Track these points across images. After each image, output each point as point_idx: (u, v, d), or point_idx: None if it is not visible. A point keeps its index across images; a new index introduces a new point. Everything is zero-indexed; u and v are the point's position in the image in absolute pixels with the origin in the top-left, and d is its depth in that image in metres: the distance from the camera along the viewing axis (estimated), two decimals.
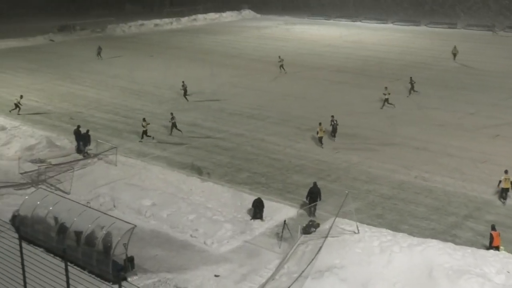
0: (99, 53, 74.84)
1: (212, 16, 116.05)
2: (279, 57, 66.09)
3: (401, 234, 26.90)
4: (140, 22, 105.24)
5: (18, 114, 48.71)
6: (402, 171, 36.06)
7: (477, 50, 78.68)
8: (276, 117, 46.90)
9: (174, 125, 43.36)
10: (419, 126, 44.73)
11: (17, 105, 49.14)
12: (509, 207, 30.98)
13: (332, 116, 42.33)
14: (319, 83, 58.97)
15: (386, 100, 49.44)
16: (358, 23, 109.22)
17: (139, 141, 41.56)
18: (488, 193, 32.69)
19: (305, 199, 30.78)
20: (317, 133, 40.67)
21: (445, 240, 26.67)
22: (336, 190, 32.83)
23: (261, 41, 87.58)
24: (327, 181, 34.29)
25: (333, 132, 41.90)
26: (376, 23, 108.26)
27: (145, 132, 41.97)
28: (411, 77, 54.60)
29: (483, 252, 25.03)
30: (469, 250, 25.07)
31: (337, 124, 41.81)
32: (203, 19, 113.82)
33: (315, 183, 30.53)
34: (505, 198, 31.63)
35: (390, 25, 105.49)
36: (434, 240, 25.92)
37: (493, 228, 26.15)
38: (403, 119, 46.62)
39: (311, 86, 58.06)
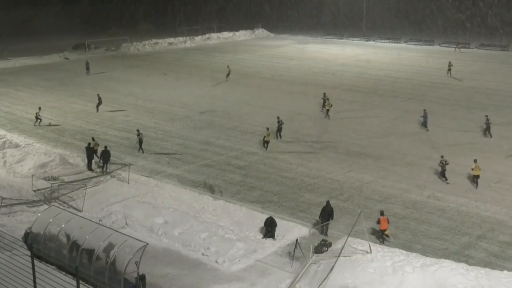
0: (87, 69, 76.49)
1: (225, 35, 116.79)
2: (228, 66, 72.54)
3: (414, 254, 26.78)
4: (154, 40, 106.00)
5: (39, 125, 50.64)
6: (415, 191, 35.90)
7: (491, 70, 78.39)
8: (289, 136, 46.89)
9: (140, 142, 43.31)
10: (433, 146, 44.54)
11: (37, 117, 51.04)
12: None
13: (278, 117, 46.91)
14: (332, 102, 58.97)
15: (327, 111, 53.14)
16: (371, 42, 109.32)
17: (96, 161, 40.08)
18: (502, 213, 32.47)
19: (317, 218, 30.68)
20: (264, 138, 43.71)
21: (458, 260, 26.54)
22: (348, 209, 32.75)
23: (274, 60, 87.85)
24: (339, 200, 34.19)
25: (278, 132, 46.05)
26: (389, 42, 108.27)
27: (94, 152, 40.43)
28: (324, 93, 56.32)
29: (496, 273, 24.83)
30: (483, 270, 24.89)
31: (282, 124, 46.03)
32: (216, 37, 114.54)
33: (328, 202, 30.45)
34: (476, 183, 36.28)
35: (403, 45, 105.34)
36: (447, 261, 25.81)
37: (382, 213, 28.88)
38: (416, 139, 46.45)
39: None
